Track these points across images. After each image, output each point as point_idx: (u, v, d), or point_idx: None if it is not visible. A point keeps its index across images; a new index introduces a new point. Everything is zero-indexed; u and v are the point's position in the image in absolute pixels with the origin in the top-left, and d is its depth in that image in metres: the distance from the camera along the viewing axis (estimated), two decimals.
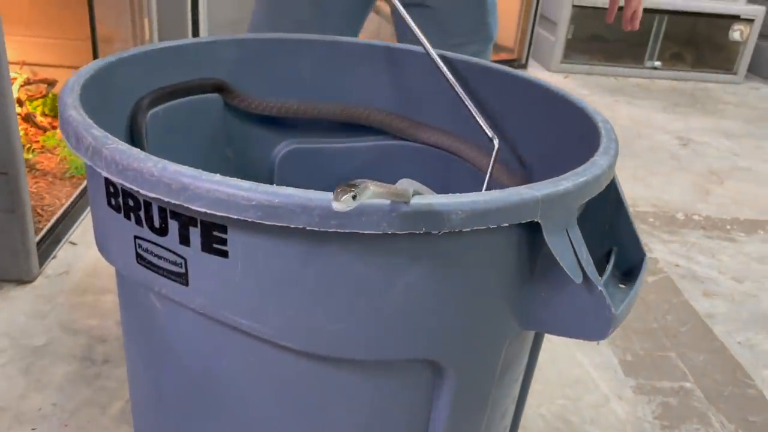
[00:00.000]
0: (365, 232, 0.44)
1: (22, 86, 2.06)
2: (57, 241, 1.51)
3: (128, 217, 0.50)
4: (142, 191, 0.46)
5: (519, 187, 0.47)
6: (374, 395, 0.55)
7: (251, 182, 0.44)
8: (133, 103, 0.72)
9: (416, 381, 0.55)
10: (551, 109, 0.74)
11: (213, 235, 0.46)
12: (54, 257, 1.48)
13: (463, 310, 0.51)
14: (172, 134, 0.79)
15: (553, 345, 1.37)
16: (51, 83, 2.14)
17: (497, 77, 0.81)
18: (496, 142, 0.72)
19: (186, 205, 0.45)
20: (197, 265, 0.48)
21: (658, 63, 3.56)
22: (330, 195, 0.44)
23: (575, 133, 0.68)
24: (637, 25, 1.07)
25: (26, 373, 1.14)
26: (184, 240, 0.48)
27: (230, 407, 0.55)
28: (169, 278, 0.50)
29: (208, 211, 0.44)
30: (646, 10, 1.12)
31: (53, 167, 1.83)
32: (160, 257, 0.50)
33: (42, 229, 1.48)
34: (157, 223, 0.48)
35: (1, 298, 1.32)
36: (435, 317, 0.50)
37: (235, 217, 0.44)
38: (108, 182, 0.51)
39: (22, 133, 1.89)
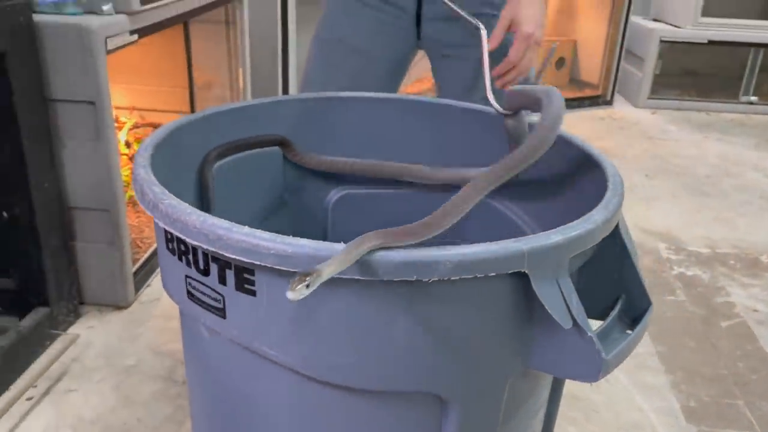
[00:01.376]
0: (365, 278, 0.51)
1: (130, 129, 2.28)
2: (152, 271, 1.67)
3: (180, 259, 0.60)
4: (188, 240, 0.56)
5: (508, 240, 0.53)
6: (388, 423, 0.62)
7: (272, 234, 0.53)
8: (203, 160, 0.83)
9: (425, 412, 0.61)
10: (569, 158, 0.79)
11: (243, 276, 0.55)
12: (148, 285, 1.64)
13: (460, 350, 0.57)
14: (239, 182, 0.90)
15: (611, 386, 1.37)
16: (156, 127, 2.36)
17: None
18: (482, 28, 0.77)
19: (221, 252, 0.54)
20: (232, 302, 0.57)
21: (754, 98, 3.42)
22: (338, 246, 0.52)
23: (590, 184, 0.72)
24: (507, 83, 0.98)
25: (117, 390, 1.29)
26: (222, 280, 0.57)
27: (262, 428, 0.63)
28: (211, 312, 0.60)
29: (238, 258, 0.53)
30: (742, 44, 1.09)
31: None
32: (204, 294, 0.59)
33: (139, 259, 1.65)
34: (201, 266, 0.58)
35: (99, 322, 1.48)
36: (434, 355, 0.57)
37: (258, 263, 0.52)
38: (165, 230, 0.61)
39: (127, 171, 2.11)
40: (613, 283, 0.66)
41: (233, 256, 0.53)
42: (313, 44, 1.23)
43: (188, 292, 0.61)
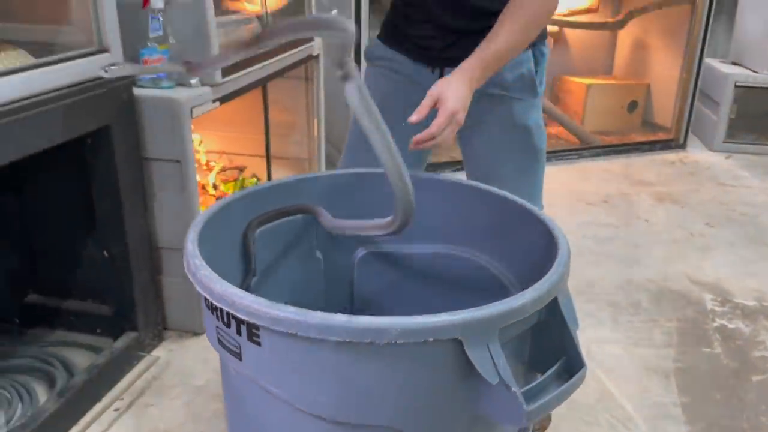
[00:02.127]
0: (333, 339, 0.69)
1: (218, 173, 2.58)
2: None
3: (212, 314, 0.80)
4: (214, 302, 0.76)
5: (444, 313, 0.70)
6: None
7: (270, 301, 0.72)
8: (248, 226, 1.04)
9: None
10: (539, 232, 0.94)
11: (252, 331, 0.75)
12: None
13: (414, 396, 0.74)
14: (278, 243, 1.10)
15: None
16: (241, 169, 2.64)
17: (496, 201, 1.03)
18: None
19: (235, 313, 0.73)
20: (245, 349, 0.77)
21: None
22: (317, 315, 0.70)
23: (547, 255, 0.87)
24: (419, 147, 1.05)
25: (187, 407, 1.52)
26: (239, 332, 0.77)
27: None
28: (232, 355, 0.79)
29: (246, 318, 0.73)
30: None
31: None
32: (228, 341, 0.79)
33: None
34: (225, 320, 0.78)
35: (179, 345, 1.73)
36: (394, 399, 0.73)
37: (260, 323, 0.72)
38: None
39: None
40: (555, 346, 0.81)
41: (243, 317, 0.73)
42: (353, 116, 1.43)
43: (218, 339, 0.81)
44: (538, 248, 0.94)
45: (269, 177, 2.30)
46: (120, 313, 1.66)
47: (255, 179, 2.57)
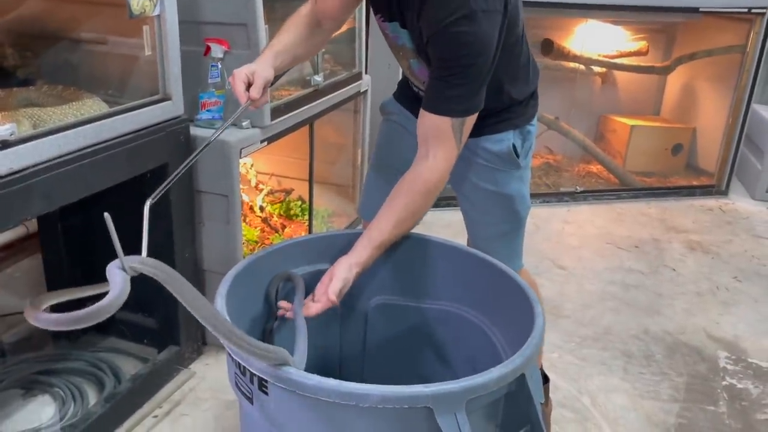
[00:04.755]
0: (324, 399, 0.83)
1: (266, 195, 2.76)
2: None
3: (232, 361, 0.96)
4: (233, 355, 0.91)
5: (418, 385, 0.83)
6: None
7: (275, 361, 0.86)
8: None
9: None
10: (520, 302, 1.06)
11: (262, 382, 0.90)
12: None
13: None
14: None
15: None
16: (288, 192, 2.81)
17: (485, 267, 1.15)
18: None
19: (248, 367, 0.89)
20: (256, 395, 0.92)
21: None
22: (313, 378, 0.84)
23: (528, 329, 0.99)
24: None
25: (217, 420, 1.69)
26: (251, 381, 0.92)
27: None
28: (245, 398, 0.94)
29: (257, 373, 0.88)
30: None
31: None
32: (242, 386, 0.94)
33: None
34: (241, 369, 0.93)
35: (215, 360, 1.90)
36: None
37: (267, 378, 0.87)
38: None
39: (258, 231, 2.57)
40: (522, 414, 0.93)
41: (255, 372, 0.88)
42: (372, 159, 1.59)
43: (235, 382, 0.97)
44: (524, 320, 1.06)
45: (311, 203, 2.46)
46: (165, 328, 1.85)
47: (299, 201, 2.74)
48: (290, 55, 1.37)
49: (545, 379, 1.69)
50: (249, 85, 1.26)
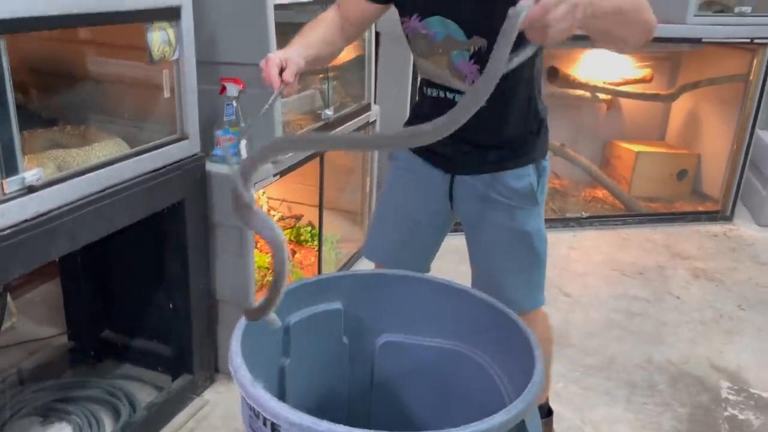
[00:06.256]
0: None
1: (278, 221, 2.82)
2: None
3: (246, 404, 1.01)
4: (248, 400, 0.97)
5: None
6: None
7: (290, 408, 0.92)
8: (288, 315, 1.25)
9: None
10: (522, 346, 1.11)
11: (274, 426, 0.95)
12: None
13: None
14: (311, 330, 1.30)
15: None
16: (298, 218, 2.87)
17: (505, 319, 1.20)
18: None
19: (261, 412, 0.94)
20: None
21: None
22: (323, 424, 0.90)
23: (529, 372, 1.03)
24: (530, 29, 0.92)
25: None
26: (264, 424, 0.97)
27: None
28: None
29: (270, 418, 0.93)
30: None
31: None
32: (256, 427, 1.00)
33: None
34: (255, 412, 0.98)
35: (227, 389, 1.96)
36: None
37: (279, 423, 0.92)
38: None
39: (269, 257, 2.63)
40: None
41: (268, 417, 0.93)
42: (378, 203, 1.62)
43: (249, 424, 1.02)
44: (526, 363, 1.11)
45: (320, 231, 2.51)
46: (179, 356, 1.90)
47: (309, 227, 2.80)
48: (315, 51, 1.34)
49: (549, 413, 1.73)
50: (282, 71, 1.24)
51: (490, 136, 1.41)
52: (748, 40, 3.17)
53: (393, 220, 1.55)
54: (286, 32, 1.76)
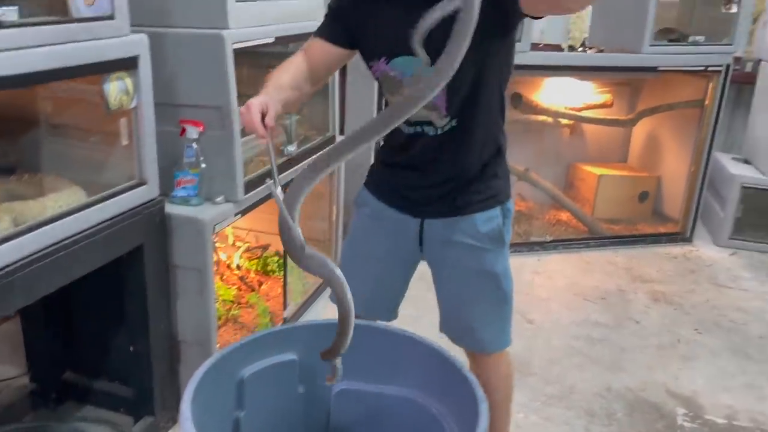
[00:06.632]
0: None
1: (244, 252, 2.83)
2: None
3: None
4: None
5: None
6: None
7: None
8: (242, 368, 1.27)
9: None
10: (471, 399, 1.14)
11: None
12: None
13: None
14: (266, 380, 1.32)
15: None
16: (265, 248, 2.88)
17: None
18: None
19: None
20: None
21: None
22: None
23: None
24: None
25: None
26: None
27: None
28: None
29: None
30: None
31: (250, 320, 2.51)
32: None
33: None
34: None
35: None
36: None
37: None
38: None
39: (235, 290, 2.64)
40: None
41: None
42: (344, 249, 1.64)
43: None
44: (473, 416, 1.14)
45: (285, 264, 2.52)
46: (140, 397, 1.90)
47: (277, 257, 2.81)
48: (286, 95, 1.36)
49: None
50: (262, 117, 1.27)
51: (456, 175, 1.44)
52: (703, 68, 3.27)
53: (361, 268, 1.56)
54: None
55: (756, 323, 2.79)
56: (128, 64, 1.57)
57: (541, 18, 1.26)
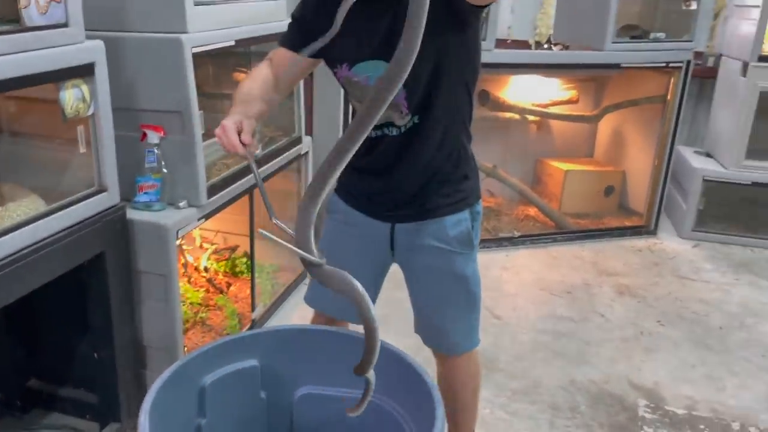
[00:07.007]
0: None
1: (212, 254, 2.82)
2: None
3: None
4: None
5: None
6: None
7: None
8: (203, 376, 1.28)
9: None
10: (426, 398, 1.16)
11: None
12: None
13: None
14: (228, 388, 1.33)
15: None
16: (233, 249, 2.88)
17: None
18: None
19: None
20: None
21: None
22: None
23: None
24: None
25: None
26: None
27: None
28: None
29: None
30: None
31: (219, 323, 2.51)
32: None
33: None
34: None
35: None
36: None
37: None
38: None
39: (203, 292, 2.63)
40: None
41: None
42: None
43: None
44: (431, 418, 1.17)
45: (253, 266, 2.52)
46: (106, 403, 1.90)
47: (245, 258, 2.80)
48: (257, 108, 1.40)
49: None
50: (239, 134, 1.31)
51: (422, 176, 1.45)
52: (664, 64, 3.33)
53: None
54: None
55: (716, 314, 2.86)
56: (84, 72, 1.56)
57: (486, 6, 1.27)
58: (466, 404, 1.71)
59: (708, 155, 3.78)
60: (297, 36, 1.44)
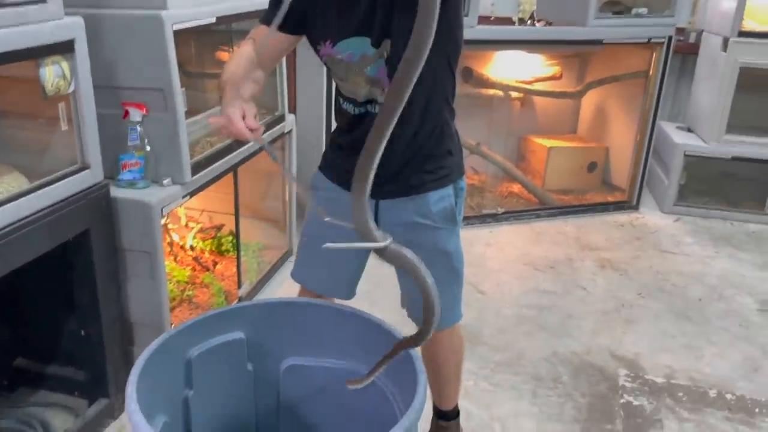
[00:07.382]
0: None
1: (198, 233, 2.83)
2: None
3: None
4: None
5: None
6: None
7: None
8: (189, 348, 1.30)
9: None
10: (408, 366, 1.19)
11: None
12: None
13: None
14: (214, 359, 1.35)
15: None
16: (219, 228, 2.89)
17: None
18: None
19: None
20: None
21: None
22: None
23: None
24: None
25: None
26: None
27: None
28: None
29: None
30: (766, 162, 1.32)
31: (205, 300, 2.52)
32: None
33: None
34: None
35: None
36: None
37: None
38: None
39: (189, 271, 2.64)
40: None
41: None
42: (303, 230, 1.66)
43: None
44: (412, 384, 1.19)
45: (238, 243, 2.53)
46: (94, 380, 1.91)
47: (231, 236, 2.81)
48: (250, 90, 1.41)
49: (456, 414, 1.84)
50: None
51: (407, 155, 1.46)
52: (646, 40, 3.35)
53: (318, 251, 1.57)
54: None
55: (696, 286, 2.91)
56: (63, 48, 1.55)
57: None
58: (449, 377, 1.75)
59: (689, 130, 3.82)
60: (277, 12, 1.44)
